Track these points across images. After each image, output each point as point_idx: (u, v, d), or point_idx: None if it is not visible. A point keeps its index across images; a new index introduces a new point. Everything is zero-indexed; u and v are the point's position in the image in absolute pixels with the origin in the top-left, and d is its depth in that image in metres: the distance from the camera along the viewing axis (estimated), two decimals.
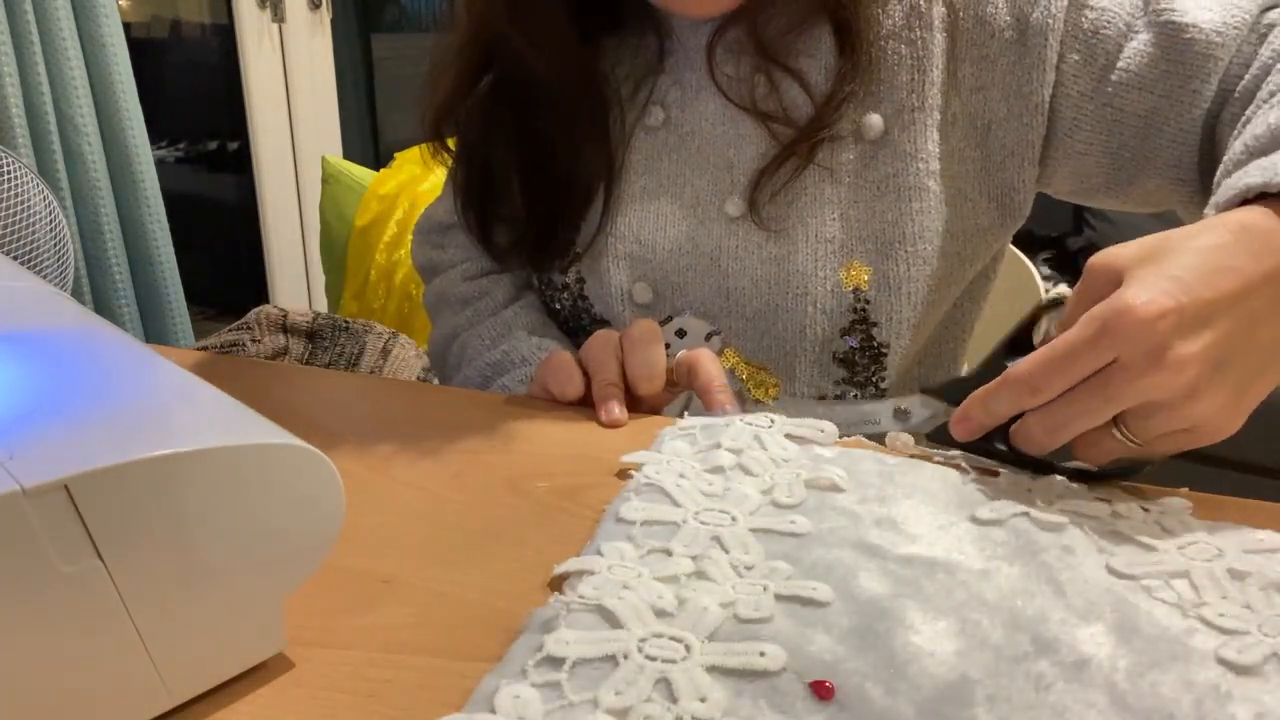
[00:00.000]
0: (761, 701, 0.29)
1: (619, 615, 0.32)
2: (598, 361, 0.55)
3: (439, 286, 0.78)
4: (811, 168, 0.62)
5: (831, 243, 0.62)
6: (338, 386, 0.58)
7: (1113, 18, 0.60)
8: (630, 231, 0.66)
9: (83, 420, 0.27)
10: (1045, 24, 0.60)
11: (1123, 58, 0.59)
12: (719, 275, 0.64)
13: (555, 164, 0.68)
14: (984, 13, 0.62)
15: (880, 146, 0.62)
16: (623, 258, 0.66)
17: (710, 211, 0.64)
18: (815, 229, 0.62)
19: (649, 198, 0.66)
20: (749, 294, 0.63)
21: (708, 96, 0.65)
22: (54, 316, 0.39)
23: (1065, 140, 0.62)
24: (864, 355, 0.64)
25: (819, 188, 0.62)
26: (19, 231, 1.40)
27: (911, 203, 0.62)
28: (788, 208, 0.63)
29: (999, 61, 0.62)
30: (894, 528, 0.39)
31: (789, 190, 0.63)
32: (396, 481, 0.45)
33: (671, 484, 0.42)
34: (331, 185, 1.99)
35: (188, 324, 2.03)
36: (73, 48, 1.73)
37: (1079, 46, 0.60)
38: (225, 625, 0.29)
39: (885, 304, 0.63)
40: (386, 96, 2.91)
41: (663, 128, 0.66)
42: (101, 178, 1.82)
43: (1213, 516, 0.40)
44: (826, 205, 0.62)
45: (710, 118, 0.65)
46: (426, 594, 0.36)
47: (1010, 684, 0.30)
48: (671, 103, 0.66)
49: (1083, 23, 0.60)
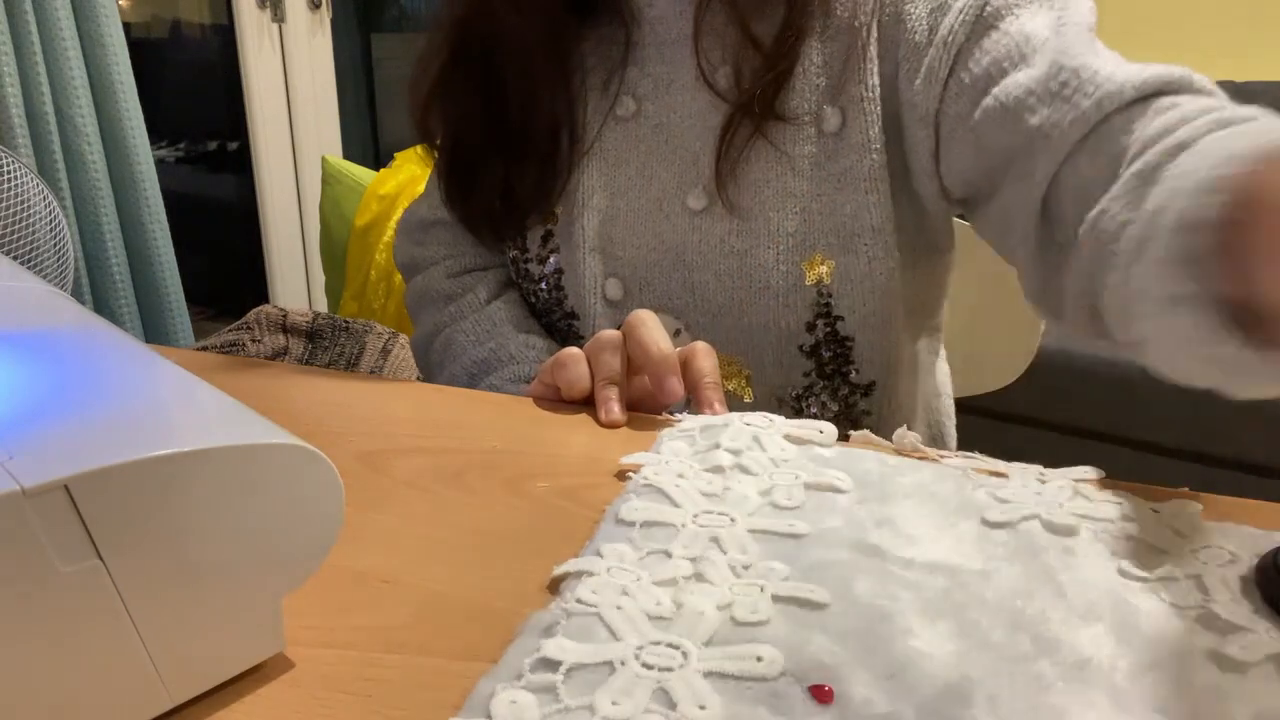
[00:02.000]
0: (761, 707, 0.29)
1: (615, 628, 0.32)
2: (599, 360, 0.55)
3: (421, 284, 0.78)
4: (773, 159, 0.63)
5: (794, 236, 0.62)
6: (338, 386, 0.58)
7: (1010, 45, 0.57)
8: (603, 228, 0.67)
9: (83, 420, 0.27)
10: (947, 37, 0.59)
11: (1001, 86, 0.57)
12: (684, 270, 0.65)
13: (517, 139, 0.69)
14: (904, 10, 0.61)
15: (839, 140, 0.62)
16: (596, 251, 0.67)
17: (674, 206, 0.65)
18: (777, 223, 0.63)
19: (618, 194, 0.67)
20: (713, 288, 0.64)
21: (678, 89, 0.66)
22: (54, 316, 0.39)
23: (943, 158, 0.61)
24: (829, 348, 0.65)
25: (781, 180, 0.63)
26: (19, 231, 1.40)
27: (868, 195, 0.62)
28: (751, 200, 0.63)
29: (904, 64, 0.61)
30: (894, 528, 0.39)
31: (752, 183, 0.63)
32: (396, 481, 0.45)
33: (671, 485, 0.42)
34: (331, 185, 1.99)
35: (188, 324, 2.03)
36: (73, 48, 1.73)
37: (969, 65, 0.58)
38: (225, 625, 0.29)
39: (848, 297, 0.63)
40: (386, 96, 2.91)
41: (633, 119, 0.67)
42: (101, 178, 1.82)
43: (1214, 516, 0.40)
44: (788, 199, 0.63)
45: (680, 110, 0.66)
46: (426, 594, 0.36)
47: (1010, 684, 0.30)
48: (643, 94, 0.67)
49: (984, 42, 0.58)
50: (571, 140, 0.69)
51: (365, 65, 2.88)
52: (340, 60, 2.53)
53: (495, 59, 0.69)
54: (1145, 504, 0.41)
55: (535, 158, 0.69)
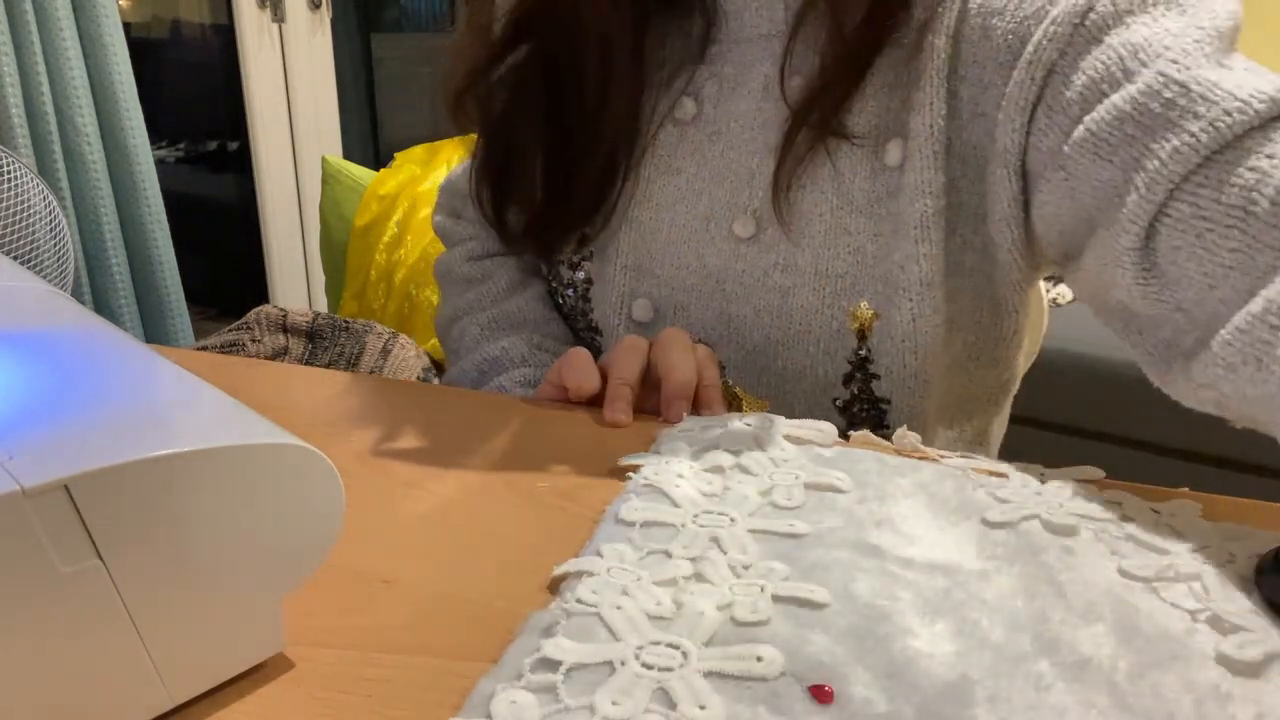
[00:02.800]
0: (761, 707, 0.29)
1: (615, 628, 0.32)
2: (621, 361, 0.53)
3: (446, 261, 0.77)
4: (829, 191, 0.57)
5: (842, 279, 0.57)
6: (338, 386, 0.58)
7: (1113, 60, 0.47)
8: (642, 241, 0.63)
9: (83, 420, 0.27)
10: (1034, 55, 0.49)
11: (1095, 111, 0.47)
12: (722, 300, 0.60)
13: (580, 140, 0.64)
14: (990, 24, 0.52)
15: (901, 176, 0.56)
16: (631, 268, 0.63)
17: (720, 229, 0.60)
18: (827, 261, 0.57)
19: (664, 207, 0.62)
20: (750, 324, 0.60)
21: (744, 94, 0.61)
22: (54, 316, 0.39)
23: (1034, 205, 0.53)
24: (862, 405, 0.59)
25: (836, 215, 0.57)
26: (19, 231, 1.40)
27: (918, 245, 0.55)
28: (801, 233, 0.58)
29: (988, 90, 0.53)
30: (894, 528, 0.39)
31: (804, 214, 0.58)
32: (396, 481, 0.45)
33: (670, 485, 0.42)
34: (331, 185, 1.99)
35: (188, 324, 2.03)
36: (73, 48, 1.73)
37: (1062, 89, 0.49)
38: (225, 625, 0.29)
39: (887, 354, 0.57)
40: (386, 96, 2.91)
41: (691, 123, 0.62)
42: (101, 178, 1.82)
43: (1214, 516, 0.40)
44: (841, 236, 0.57)
45: (741, 120, 0.61)
46: (426, 594, 0.36)
47: (1010, 684, 0.30)
48: (706, 97, 0.62)
49: (1082, 61, 0.48)
50: (625, 178, 0.63)
51: (365, 65, 2.88)
52: (340, 60, 2.54)
53: (567, 52, 0.63)
54: (1145, 504, 0.41)
55: (598, 161, 0.63)
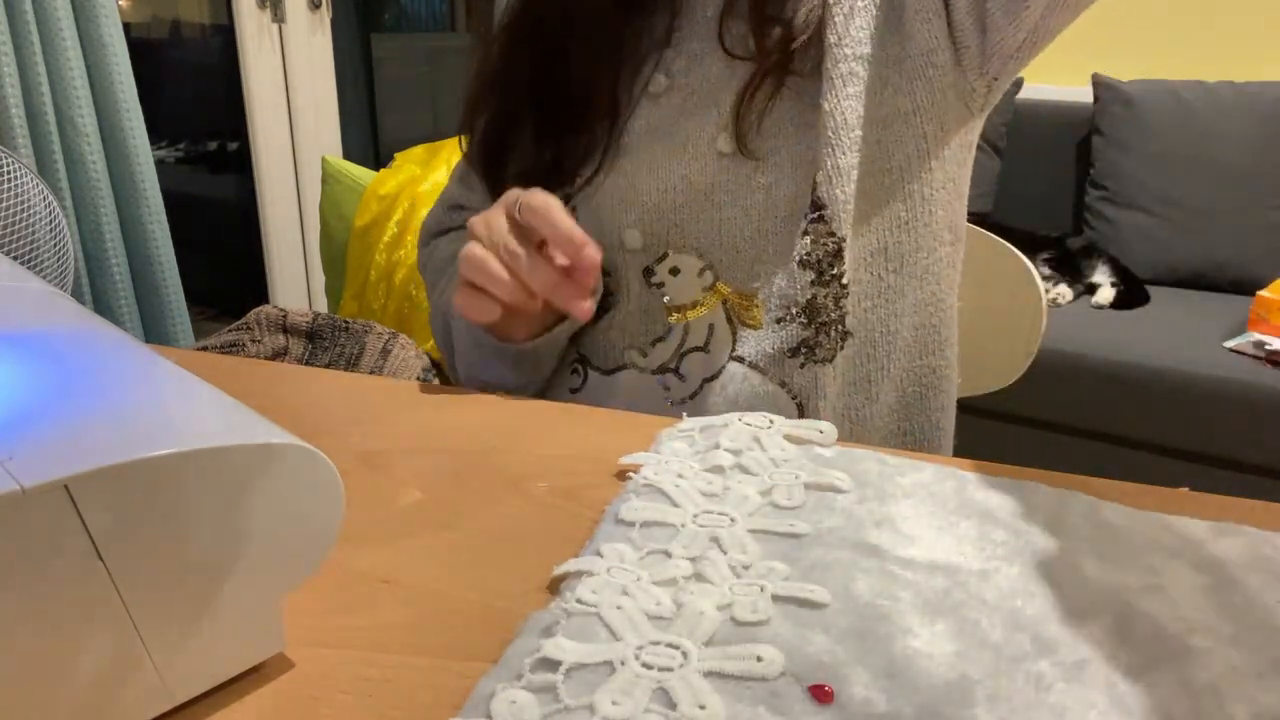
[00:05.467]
0: (761, 707, 0.29)
1: (615, 628, 0.32)
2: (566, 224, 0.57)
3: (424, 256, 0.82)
4: (788, 97, 0.64)
5: (807, 153, 0.63)
6: (338, 386, 0.58)
7: None
8: (625, 179, 0.68)
9: (83, 420, 0.27)
10: None
11: None
12: (713, 209, 0.65)
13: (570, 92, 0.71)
14: None
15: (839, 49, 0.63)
16: (617, 202, 0.68)
17: (701, 148, 0.66)
18: (800, 152, 0.63)
19: (643, 149, 0.68)
20: (739, 223, 0.65)
21: (711, 60, 0.67)
22: (54, 316, 0.39)
23: None
24: (821, 247, 0.63)
25: (804, 115, 0.64)
26: (19, 231, 1.40)
27: (846, 87, 0.62)
28: (776, 134, 0.64)
29: None
30: (894, 528, 0.39)
31: (777, 119, 0.64)
32: (396, 481, 0.45)
33: (671, 485, 0.42)
34: (331, 185, 1.99)
35: (188, 324, 2.03)
36: (73, 48, 1.73)
37: None
38: (225, 625, 0.29)
39: (830, 193, 0.62)
40: (386, 96, 2.91)
41: (664, 94, 0.69)
42: (101, 178, 1.82)
43: (1214, 516, 0.40)
44: (801, 126, 0.63)
45: (711, 80, 0.67)
46: (426, 594, 0.36)
47: (1010, 684, 0.30)
48: (676, 72, 0.69)
49: None
50: (611, 121, 0.71)
51: (365, 65, 2.88)
52: (340, 60, 2.54)
53: (562, 34, 0.71)
54: (1142, 504, 0.41)
55: (586, 130, 0.71)
